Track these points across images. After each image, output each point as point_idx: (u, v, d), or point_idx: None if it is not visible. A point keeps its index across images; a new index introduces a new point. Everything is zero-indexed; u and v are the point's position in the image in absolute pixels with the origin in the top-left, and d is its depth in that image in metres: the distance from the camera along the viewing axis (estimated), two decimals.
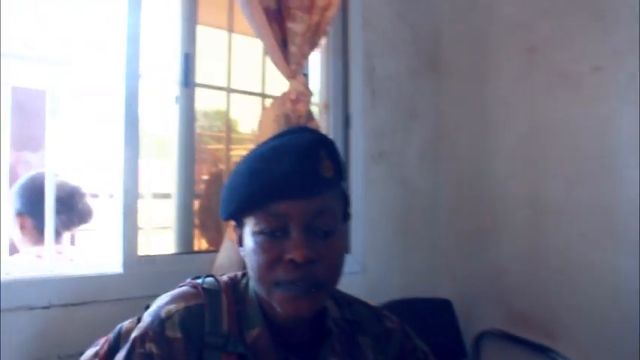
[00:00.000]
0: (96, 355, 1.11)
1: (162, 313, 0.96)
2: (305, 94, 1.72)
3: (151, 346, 0.93)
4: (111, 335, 1.12)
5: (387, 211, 2.25)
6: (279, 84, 1.85)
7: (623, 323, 1.95)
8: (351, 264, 2.07)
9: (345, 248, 0.98)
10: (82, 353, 1.17)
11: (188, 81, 1.77)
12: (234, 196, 0.96)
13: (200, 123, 2.08)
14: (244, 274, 1.05)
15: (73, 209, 1.82)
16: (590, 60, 2.04)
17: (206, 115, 2.19)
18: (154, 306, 1.00)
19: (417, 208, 2.37)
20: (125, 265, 1.55)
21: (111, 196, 1.65)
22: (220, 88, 1.96)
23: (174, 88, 1.80)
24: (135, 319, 1.13)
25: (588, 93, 2.05)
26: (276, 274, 0.91)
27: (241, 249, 1.01)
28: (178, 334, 0.94)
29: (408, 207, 2.34)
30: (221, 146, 2.19)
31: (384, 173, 2.25)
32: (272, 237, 0.91)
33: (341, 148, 1.99)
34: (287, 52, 1.69)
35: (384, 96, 2.25)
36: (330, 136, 1.66)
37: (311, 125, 1.74)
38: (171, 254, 1.77)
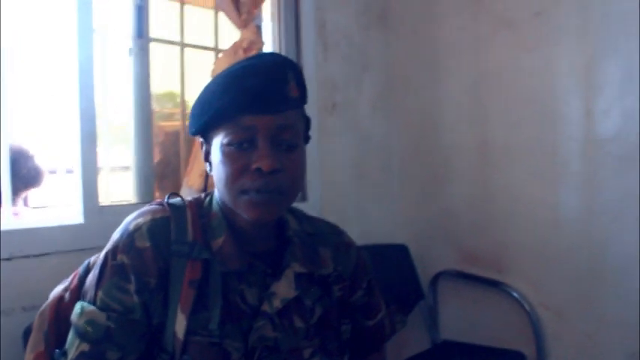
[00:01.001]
0: (66, 289, 1.13)
1: (131, 227, 1.01)
2: (257, 42, 1.76)
3: (122, 257, 0.99)
4: (80, 269, 1.14)
5: (342, 160, 2.31)
6: (232, 39, 1.87)
7: (567, 252, 2.08)
8: (308, 211, 2.12)
9: (305, 164, 1.04)
10: None
11: (142, 32, 1.77)
12: (205, 110, 1.00)
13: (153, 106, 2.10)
14: (207, 195, 1.11)
15: (19, 172, 1.79)
16: (532, 5, 2.12)
17: (158, 97, 2.20)
18: (122, 224, 1.04)
19: (372, 158, 2.44)
20: (86, 214, 1.56)
21: (69, 172, 1.64)
22: (174, 43, 1.97)
23: (128, 42, 1.80)
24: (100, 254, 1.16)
25: (530, 38, 2.14)
26: (243, 183, 0.96)
27: (207, 164, 1.06)
28: (147, 244, 0.99)
29: (363, 156, 2.40)
30: (177, 123, 2.20)
31: (338, 124, 2.30)
32: (240, 148, 0.96)
33: None
34: (238, 1, 1.71)
35: (335, 49, 2.29)
36: None
37: None
38: (132, 203, 1.79)
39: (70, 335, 0.99)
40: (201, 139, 1.07)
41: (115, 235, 1.03)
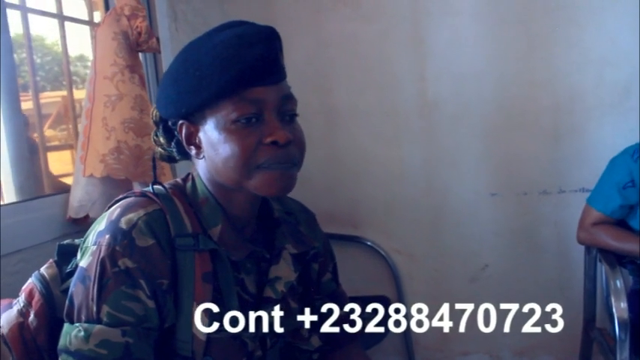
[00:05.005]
0: (22, 313, 0.94)
1: (123, 225, 0.88)
2: (139, 8, 1.62)
3: (125, 262, 0.86)
4: (35, 284, 0.97)
5: None
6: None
7: (412, 201, 2.37)
8: None
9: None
10: None
11: None
12: (204, 86, 0.90)
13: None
14: (184, 180, 1.02)
15: None
16: None
17: None
18: (104, 224, 0.90)
19: None
20: None
21: None
22: (53, 15, 1.72)
23: None
24: (50, 262, 1.00)
25: (368, 10, 2.34)
26: (258, 158, 0.90)
27: (191, 148, 0.97)
28: (150, 241, 0.88)
29: None
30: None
31: None
32: (248, 124, 0.90)
33: None
34: None
35: (183, 18, 2.20)
36: None
37: (152, 43, 1.65)
38: (9, 204, 1.51)
39: None
40: (182, 122, 0.95)
41: (101, 238, 0.89)
